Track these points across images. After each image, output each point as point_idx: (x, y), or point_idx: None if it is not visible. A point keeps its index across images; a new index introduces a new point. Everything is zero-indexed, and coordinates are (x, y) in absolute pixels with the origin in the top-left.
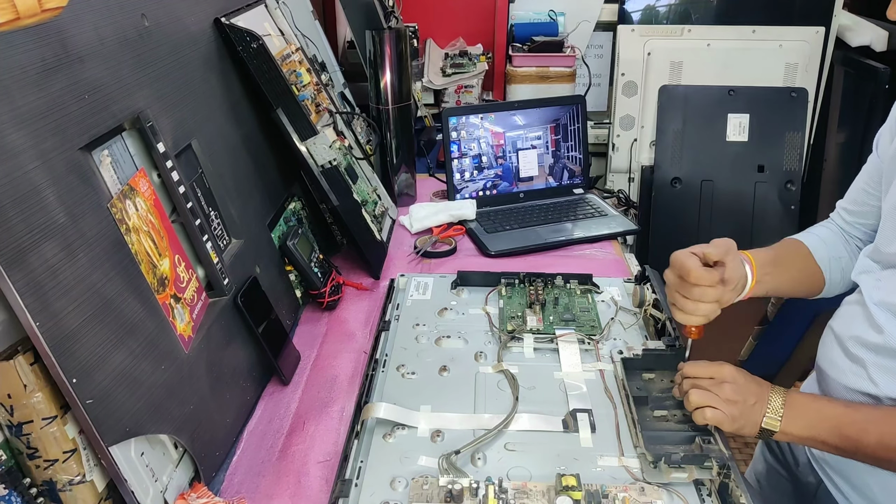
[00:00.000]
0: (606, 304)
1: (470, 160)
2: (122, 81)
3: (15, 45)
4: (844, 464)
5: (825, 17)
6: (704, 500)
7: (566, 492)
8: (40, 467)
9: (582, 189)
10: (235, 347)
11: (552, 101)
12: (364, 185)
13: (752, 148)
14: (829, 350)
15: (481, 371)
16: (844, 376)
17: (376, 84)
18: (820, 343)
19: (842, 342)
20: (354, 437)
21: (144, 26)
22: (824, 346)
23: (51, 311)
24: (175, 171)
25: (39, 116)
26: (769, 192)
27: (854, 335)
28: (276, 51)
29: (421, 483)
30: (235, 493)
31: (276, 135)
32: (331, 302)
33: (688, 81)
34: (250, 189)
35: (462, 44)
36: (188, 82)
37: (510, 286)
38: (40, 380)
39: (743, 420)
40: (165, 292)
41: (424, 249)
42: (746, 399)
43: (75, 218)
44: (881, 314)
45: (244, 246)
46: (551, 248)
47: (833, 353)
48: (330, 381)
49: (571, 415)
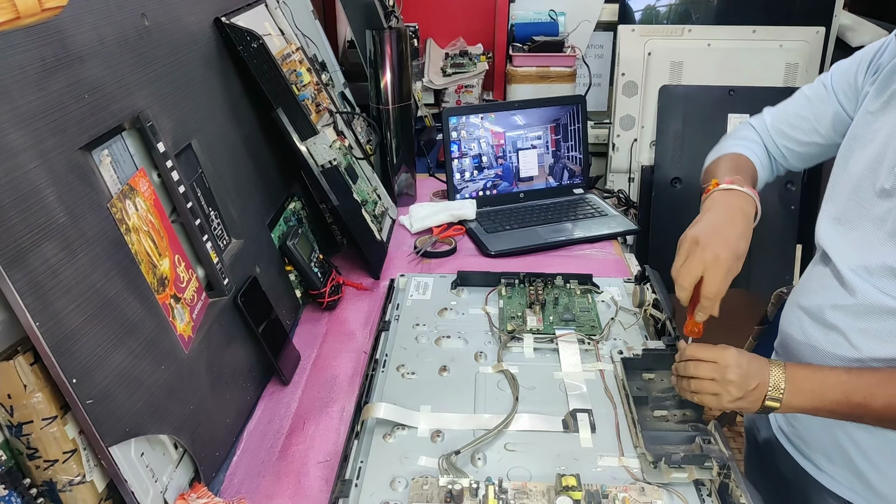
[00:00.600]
0: (606, 304)
1: (470, 160)
2: (122, 81)
3: (15, 45)
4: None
5: (825, 17)
6: (704, 500)
7: (566, 492)
8: (40, 468)
9: (582, 189)
10: (235, 347)
11: (552, 101)
12: (364, 185)
13: None
14: (799, 325)
15: (481, 371)
16: (822, 347)
17: (376, 84)
18: (784, 322)
19: (814, 314)
20: (354, 437)
21: (144, 26)
22: (791, 323)
23: (51, 311)
24: (175, 171)
25: (39, 116)
26: (769, 192)
27: (830, 304)
28: (277, 50)
29: (421, 483)
30: (235, 494)
31: (277, 135)
32: (331, 302)
33: (688, 81)
34: (250, 189)
35: (462, 44)
36: (188, 82)
37: (510, 286)
38: (40, 380)
39: (743, 402)
40: (165, 292)
41: (424, 249)
42: (748, 383)
43: (75, 218)
44: (854, 277)
45: (244, 246)
46: (551, 248)
47: (805, 326)
48: (330, 381)
49: (571, 415)
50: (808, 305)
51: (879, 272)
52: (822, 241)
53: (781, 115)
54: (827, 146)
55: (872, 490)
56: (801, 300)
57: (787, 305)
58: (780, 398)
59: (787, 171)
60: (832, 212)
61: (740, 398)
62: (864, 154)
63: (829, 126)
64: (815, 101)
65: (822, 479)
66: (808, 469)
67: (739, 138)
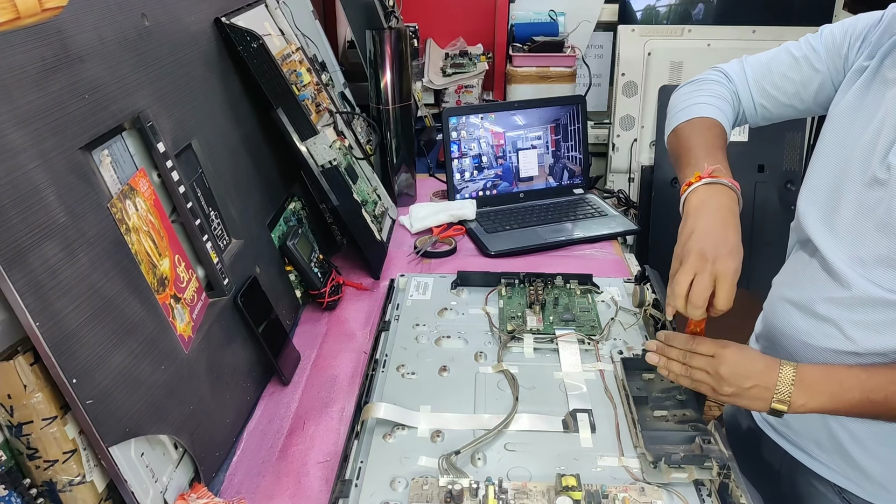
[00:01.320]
0: (606, 304)
1: (470, 160)
2: (122, 81)
3: (15, 45)
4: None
5: (825, 17)
6: (704, 500)
7: (566, 492)
8: (40, 468)
9: (582, 189)
10: (235, 347)
11: (552, 101)
12: (364, 185)
13: (752, 148)
14: (787, 319)
15: (481, 371)
16: (814, 340)
17: (376, 84)
18: (769, 315)
19: (804, 307)
20: (354, 437)
21: (144, 26)
22: (778, 317)
23: (51, 311)
24: (175, 171)
25: (39, 116)
26: (769, 192)
27: (822, 297)
28: (277, 50)
29: (421, 483)
30: (235, 494)
31: (277, 135)
32: (331, 302)
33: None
34: (250, 189)
35: (462, 44)
36: (188, 82)
37: (510, 286)
38: (40, 380)
39: (742, 399)
40: (165, 292)
41: (424, 249)
42: (745, 380)
43: (75, 218)
44: (847, 270)
45: (244, 246)
46: (551, 248)
47: (795, 320)
48: (330, 381)
49: (571, 415)
50: (796, 298)
51: (872, 263)
52: (808, 230)
53: (765, 72)
54: (802, 111)
55: (863, 474)
56: (787, 293)
57: (772, 298)
58: (787, 401)
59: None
60: (814, 199)
61: (736, 395)
62: (850, 140)
63: (812, 93)
64: (802, 64)
65: (812, 466)
66: (797, 457)
67: (711, 94)
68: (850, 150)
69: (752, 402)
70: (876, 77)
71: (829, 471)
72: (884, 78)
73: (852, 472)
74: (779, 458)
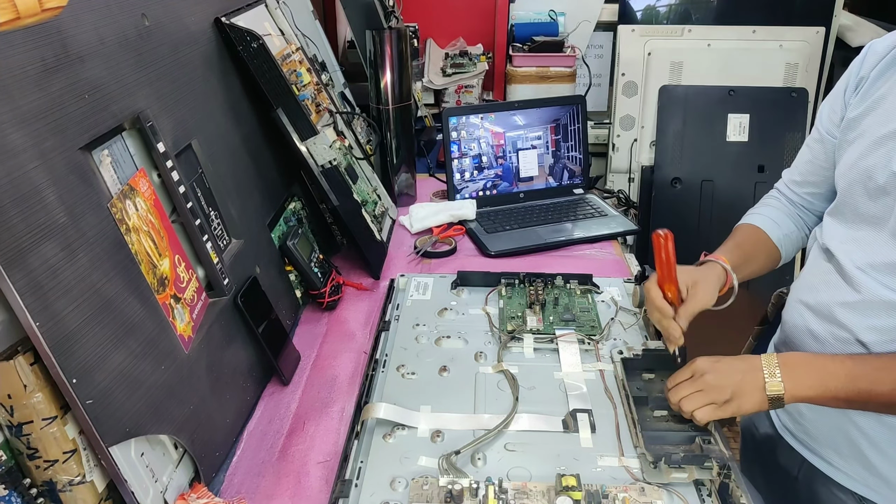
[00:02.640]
0: (606, 304)
1: (470, 160)
2: (122, 81)
3: (15, 45)
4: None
5: (825, 17)
6: (704, 500)
7: (566, 492)
8: (40, 468)
9: (582, 189)
10: (235, 347)
11: (552, 101)
12: (364, 185)
13: (752, 148)
14: (804, 323)
15: (481, 371)
16: (830, 346)
17: (376, 84)
18: (788, 319)
19: (821, 311)
20: (354, 437)
21: (144, 26)
22: (796, 321)
23: (51, 311)
24: (175, 171)
25: (39, 116)
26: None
27: (837, 301)
28: (277, 50)
29: (421, 483)
30: (235, 494)
31: (277, 135)
32: (331, 302)
33: (688, 81)
34: (250, 189)
35: (462, 44)
36: (188, 82)
37: (510, 286)
38: (40, 380)
39: (739, 399)
40: (165, 292)
41: (424, 249)
42: (731, 377)
43: (75, 218)
44: (859, 273)
45: (244, 246)
46: (551, 248)
47: (811, 323)
48: (330, 382)
49: (571, 415)
50: (813, 303)
51: (884, 269)
52: (825, 238)
53: (793, 168)
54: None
55: (884, 481)
56: (804, 297)
57: (790, 302)
58: (779, 382)
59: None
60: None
61: (735, 396)
62: (856, 151)
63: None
64: (813, 145)
65: (831, 474)
66: (816, 464)
67: (759, 205)
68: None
69: (750, 396)
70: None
71: (848, 479)
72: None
73: (872, 480)
74: (797, 465)
